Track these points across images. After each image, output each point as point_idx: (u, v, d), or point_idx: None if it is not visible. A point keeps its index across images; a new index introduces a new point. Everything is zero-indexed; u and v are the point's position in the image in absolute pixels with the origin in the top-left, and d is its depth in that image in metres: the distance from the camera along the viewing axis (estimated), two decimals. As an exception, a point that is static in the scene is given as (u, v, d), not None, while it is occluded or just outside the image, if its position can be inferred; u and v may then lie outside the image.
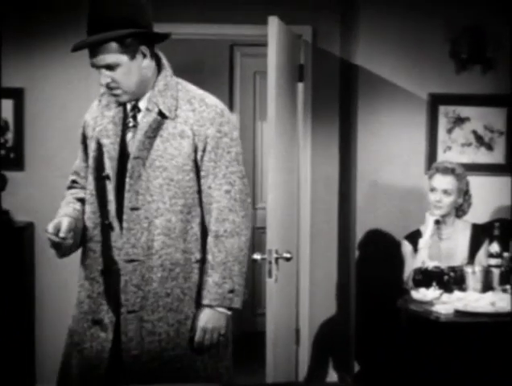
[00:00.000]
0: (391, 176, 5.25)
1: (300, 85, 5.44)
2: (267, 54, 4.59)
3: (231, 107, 6.79)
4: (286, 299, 5.29)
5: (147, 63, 3.01)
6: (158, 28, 5.19)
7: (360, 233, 5.36)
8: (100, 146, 3.06)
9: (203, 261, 3.06)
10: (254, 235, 6.92)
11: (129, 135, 3.06)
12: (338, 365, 5.53)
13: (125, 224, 3.00)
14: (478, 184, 5.24)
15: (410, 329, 4.28)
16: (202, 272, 3.06)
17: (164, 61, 3.09)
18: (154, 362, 3.03)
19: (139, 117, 3.05)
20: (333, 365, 5.54)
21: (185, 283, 3.06)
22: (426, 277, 4.39)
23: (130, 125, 3.07)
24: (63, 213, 3.08)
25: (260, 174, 6.85)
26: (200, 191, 3.06)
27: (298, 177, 5.48)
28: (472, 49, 5.23)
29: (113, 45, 2.93)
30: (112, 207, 3.04)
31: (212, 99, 3.10)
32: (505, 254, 4.35)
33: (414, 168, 5.27)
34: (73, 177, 3.26)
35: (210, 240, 3.05)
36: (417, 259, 4.54)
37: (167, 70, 3.09)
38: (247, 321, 6.97)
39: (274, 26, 4.57)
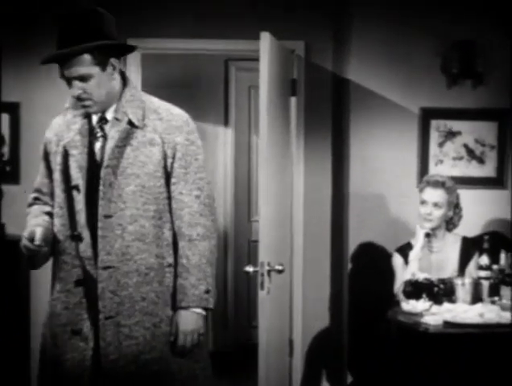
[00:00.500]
0: (383, 189, 5.33)
1: (293, 99, 5.49)
2: (259, 69, 4.67)
3: (226, 121, 6.86)
4: (278, 311, 5.34)
5: (116, 76, 3.12)
6: (154, 44, 5.32)
7: (352, 246, 5.45)
8: (66, 159, 3.14)
9: (173, 265, 3.17)
10: (250, 247, 7.01)
11: (97, 145, 3.15)
12: (331, 376, 5.58)
13: (100, 232, 3.08)
14: (470, 197, 5.32)
15: (399, 340, 4.32)
16: (174, 275, 3.16)
17: (127, 75, 3.23)
18: (131, 365, 3.10)
19: (107, 127, 3.15)
20: (326, 376, 5.59)
21: (159, 287, 3.15)
22: (416, 289, 4.45)
23: (98, 135, 3.15)
24: (34, 223, 3.15)
25: (255, 188, 6.88)
26: (169, 197, 3.16)
27: (291, 190, 5.53)
28: (463, 64, 5.32)
29: (87, 57, 3.02)
30: (81, 216, 3.11)
31: (176, 109, 3.23)
32: (495, 266, 4.41)
33: (406, 181, 5.35)
34: (35, 194, 3.33)
35: (184, 244, 3.15)
36: (407, 271, 4.60)
37: (132, 83, 3.23)
38: (243, 332, 7.04)
39: (266, 42, 4.64)
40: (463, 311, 4.20)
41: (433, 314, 4.19)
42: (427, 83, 5.38)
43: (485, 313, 4.15)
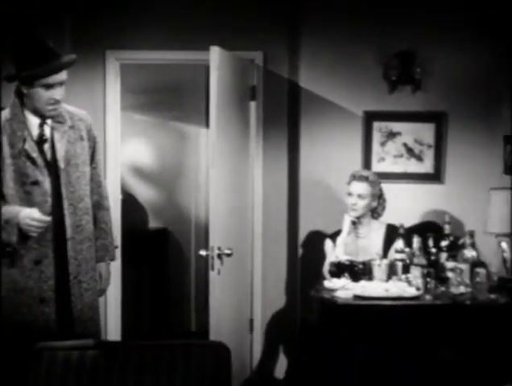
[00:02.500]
0: (331, 184, 5.90)
1: (253, 104, 6.12)
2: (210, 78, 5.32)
3: (207, 123, 7.51)
4: (239, 292, 5.99)
5: None
6: (131, 55, 5.90)
7: (302, 234, 6.06)
8: (20, 160, 3.83)
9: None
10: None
11: (45, 146, 3.89)
12: (287, 349, 6.19)
13: (66, 212, 3.86)
14: (410, 191, 5.98)
15: (321, 314, 4.84)
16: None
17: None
18: (90, 311, 4.01)
19: (48, 129, 3.90)
20: (283, 349, 6.20)
21: (94, 247, 4.06)
22: (339, 269, 5.05)
23: (44, 137, 3.90)
24: (13, 210, 3.81)
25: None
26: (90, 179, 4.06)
27: (252, 183, 6.17)
28: (402, 72, 5.88)
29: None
30: (46, 205, 3.85)
31: (82, 111, 4.13)
32: (407, 249, 4.98)
33: (351, 177, 5.92)
34: None
35: (103, 212, 4.15)
36: (333, 254, 5.22)
37: None
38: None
39: (215, 54, 5.30)
40: (374, 287, 4.80)
41: (346, 290, 4.81)
42: (370, 89, 5.95)
43: (391, 288, 4.75)
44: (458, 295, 4.65)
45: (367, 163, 6.00)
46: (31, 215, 3.74)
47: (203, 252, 5.42)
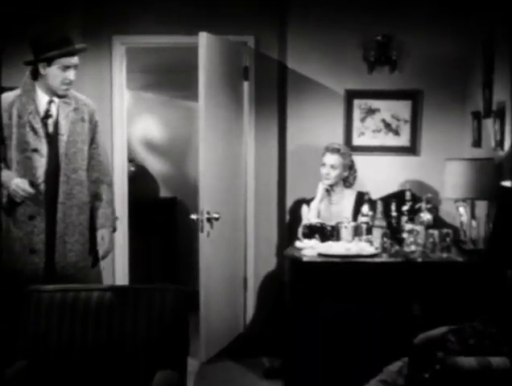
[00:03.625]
0: (315, 156, 6.34)
1: (246, 83, 6.72)
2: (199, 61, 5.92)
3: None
4: (229, 253, 6.61)
5: None
6: (135, 39, 6.51)
7: (289, 201, 6.64)
8: (24, 130, 4.50)
9: (90, 202, 4.71)
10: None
11: (50, 120, 4.54)
12: (276, 306, 6.74)
13: (60, 179, 4.54)
14: (387, 162, 6.52)
15: (290, 272, 5.31)
16: (90, 209, 4.67)
17: None
18: (72, 269, 4.61)
19: (54, 107, 4.55)
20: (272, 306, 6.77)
21: (86, 216, 4.68)
22: (310, 231, 5.61)
23: (50, 113, 4.55)
24: (10, 175, 4.49)
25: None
26: (89, 157, 4.68)
27: (245, 154, 6.77)
28: (381, 54, 6.41)
29: None
30: (41, 171, 4.52)
31: (88, 99, 4.76)
32: (371, 213, 5.52)
33: (334, 150, 6.45)
34: None
35: (104, 187, 4.75)
36: (308, 218, 5.81)
37: None
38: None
39: (203, 39, 5.92)
40: (338, 247, 5.30)
41: (313, 249, 5.37)
42: (351, 69, 6.47)
43: (353, 247, 5.28)
44: (409, 253, 5.17)
45: (348, 137, 6.53)
46: (19, 184, 4.42)
47: (193, 216, 6.04)
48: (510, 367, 3.14)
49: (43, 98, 4.58)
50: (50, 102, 4.58)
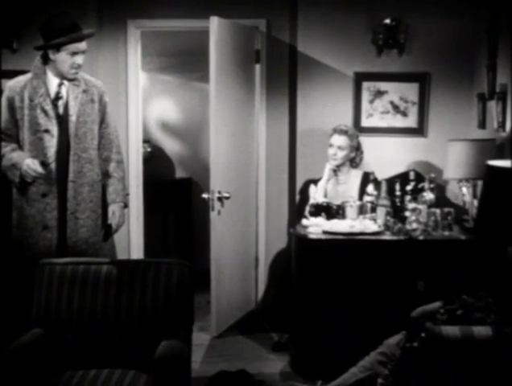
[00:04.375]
0: (324, 137, 6.51)
1: (257, 66, 6.87)
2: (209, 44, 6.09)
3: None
4: (240, 232, 6.77)
5: None
6: (149, 23, 6.67)
7: (299, 181, 6.80)
8: (35, 112, 4.70)
9: (101, 180, 4.90)
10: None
11: (60, 102, 4.74)
12: (284, 284, 6.92)
13: (70, 158, 4.74)
14: (395, 144, 6.66)
15: (296, 249, 5.48)
16: (101, 186, 4.87)
17: None
18: (83, 245, 4.82)
19: (64, 89, 4.74)
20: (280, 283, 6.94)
21: (98, 194, 4.89)
22: (317, 210, 5.78)
23: (60, 95, 4.75)
24: (24, 155, 4.73)
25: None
26: (101, 136, 4.87)
27: (257, 135, 6.93)
28: (389, 37, 6.53)
29: None
30: (52, 151, 4.73)
31: (98, 80, 4.91)
32: (375, 192, 5.69)
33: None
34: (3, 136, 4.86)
35: (113, 164, 4.93)
36: (314, 197, 5.97)
37: None
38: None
39: (214, 23, 6.08)
40: (343, 225, 5.48)
41: (319, 227, 5.54)
42: (360, 52, 6.60)
43: (356, 225, 5.46)
44: (411, 231, 5.33)
45: (357, 119, 6.67)
46: (30, 165, 4.63)
47: (205, 195, 6.23)
48: (492, 336, 3.30)
49: (53, 81, 4.79)
50: (60, 85, 4.79)
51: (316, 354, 5.36)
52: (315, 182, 6.13)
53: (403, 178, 5.93)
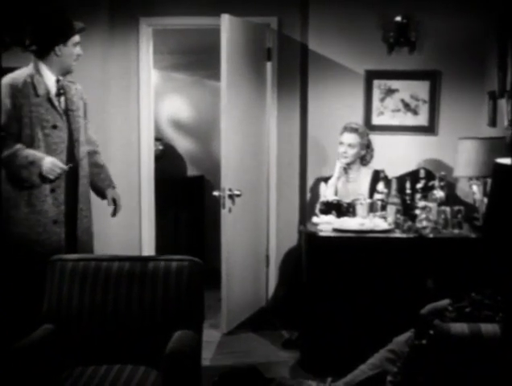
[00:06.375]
0: (335, 135, 6.48)
1: (269, 64, 6.89)
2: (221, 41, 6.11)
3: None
4: (251, 230, 6.79)
5: None
6: (161, 21, 6.70)
7: (310, 179, 6.82)
8: (42, 108, 4.76)
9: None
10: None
11: (62, 98, 4.83)
12: (296, 283, 6.95)
13: (75, 153, 4.87)
14: (406, 142, 6.67)
15: (307, 246, 5.50)
16: (93, 175, 5.13)
17: None
18: (85, 235, 4.99)
19: (62, 85, 4.87)
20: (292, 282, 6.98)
21: (88, 184, 5.09)
22: (327, 207, 5.79)
23: (62, 91, 4.89)
24: (37, 154, 4.76)
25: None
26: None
27: (268, 133, 6.96)
28: (400, 35, 6.54)
29: None
30: (63, 146, 4.79)
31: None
32: (386, 190, 5.69)
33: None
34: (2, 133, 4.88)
35: (98, 155, 5.26)
36: (325, 195, 5.99)
37: None
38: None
39: (225, 21, 6.11)
40: (354, 223, 5.48)
41: (329, 224, 5.55)
42: (370, 50, 6.61)
43: (366, 223, 5.47)
44: (421, 229, 5.34)
45: (368, 117, 6.69)
46: (55, 163, 4.71)
47: (216, 193, 6.26)
48: (500, 334, 3.31)
49: (50, 77, 4.86)
50: (58, 81, 4.88)
51: (326, 351, 5.37)
52: (326, 180, 6.14)
53: (413, 176, 5.92)
